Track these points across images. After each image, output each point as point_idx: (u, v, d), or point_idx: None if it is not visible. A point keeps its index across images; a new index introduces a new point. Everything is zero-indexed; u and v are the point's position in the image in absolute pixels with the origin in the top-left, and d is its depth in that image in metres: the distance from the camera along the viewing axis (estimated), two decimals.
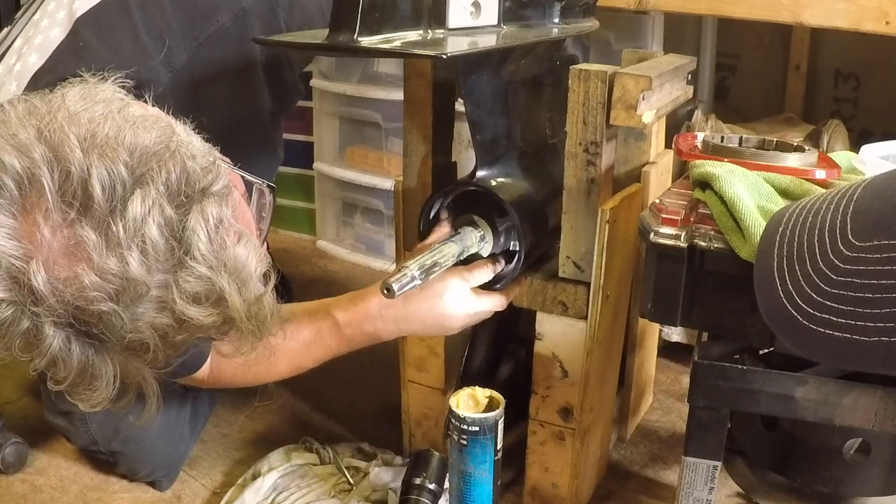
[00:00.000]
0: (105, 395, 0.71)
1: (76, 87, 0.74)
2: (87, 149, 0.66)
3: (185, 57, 1.05)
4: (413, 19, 0.90)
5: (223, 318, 0.72)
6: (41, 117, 0.68)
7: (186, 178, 0.69)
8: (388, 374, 1.30)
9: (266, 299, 0.76)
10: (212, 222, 0.70)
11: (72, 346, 0.68)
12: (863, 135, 1.97)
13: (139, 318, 0.68)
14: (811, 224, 0.61)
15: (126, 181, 0.66)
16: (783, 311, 0.57)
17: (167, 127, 0.73)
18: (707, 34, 2.06)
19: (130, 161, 0.67)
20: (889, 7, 1.32)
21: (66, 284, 0.65)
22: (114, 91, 0.75)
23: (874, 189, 0.60)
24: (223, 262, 0.71)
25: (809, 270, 0.57)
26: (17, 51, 1.05)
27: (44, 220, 0.65)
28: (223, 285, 0.70)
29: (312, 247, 2.13)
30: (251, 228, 0.82)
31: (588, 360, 1.05)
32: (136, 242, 0.66)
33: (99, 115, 0.69)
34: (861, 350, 0.52)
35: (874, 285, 0.53)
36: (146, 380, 0.75)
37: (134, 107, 0.74)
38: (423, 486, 0.95)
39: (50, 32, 1.03)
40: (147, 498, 1.21)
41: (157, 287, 0.68)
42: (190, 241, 0.68)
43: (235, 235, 0.73)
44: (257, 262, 0.74)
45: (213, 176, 0.72)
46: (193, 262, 0.69)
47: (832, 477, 1.04)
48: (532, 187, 1.08)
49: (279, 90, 1.19)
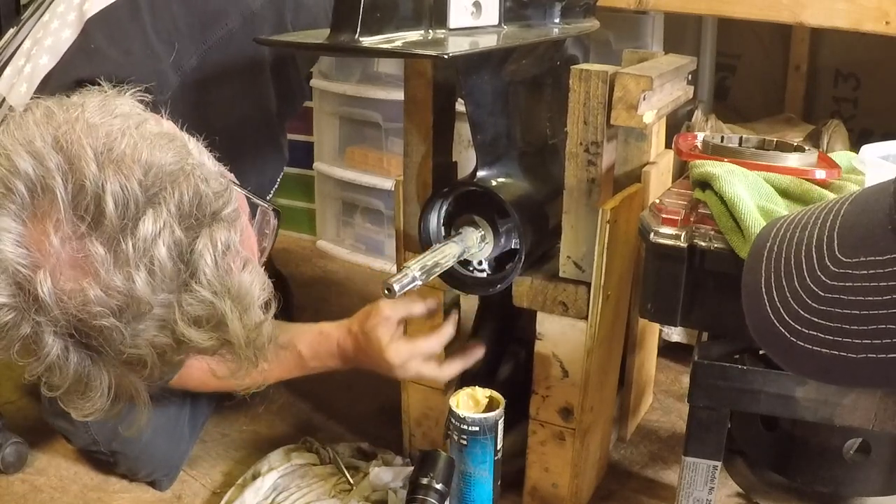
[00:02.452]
0: (98, 405, 0.71)
1: (95, 97, 0.73)
2: (103, 163, 0.66)
3: (195, 60, 1.05)
4: (414, 19, 0.90)
5: (222, 342, 0.72)
6: (58, 126, 0.68)
7: (199, 201, 0.70)
8: None
9: (265, 327, 0.76)
10: (220, 247, 0.70)
11: (70, 356, 0.68)
12: (863, 135, 1.96)
13: (139, 335, 0.68)
14: (798, 239, 0.61)
15: (139, 199, 0.66)
16: (771, 327, 0.57)
17: (182, 147, 0.73)
18: (707, 34, 2.06)
19: (145, 180, 0.67)
20: (889, 7, 1.32)
21: (70, 296, 0.65)
22: (132, 105, 0.75)
23: (861, 203, 0.60)
24: (227, 287, 0.71)
25: (797, 286, 0.57)
26: (25, 52, 1.05)
27: (54, 230, 0.65)
28: (225, 311, 0.71)
29: (312, 247, 2.13)
30: (254, 251, 0.82)
31: (588, 360, 1.05)
32: (144, 262, 0.66)
33: (117, 130, 0.69)
34: (848, 367, 0.52)
35: (861, 302, 0.53)
36: (139, 392, 0.75)
37: (151, 123, 0.73)
38: (430, 486, 0.95)
39: (60, 34, 1.03)
40: (147, 498, 1.21)
41: (160, 307, 0.68)
42: (197, 264, 0.69)
43: (241, 262, 0.73)
44: (260, 290, 0.75)
45: (224, 200, 0.73)
46: (198, 285, 0.69)
47: (832, 477, 1.04)
48: (532, 187, 1.08)
49: (285, 92, 1.19)
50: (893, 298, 0.51)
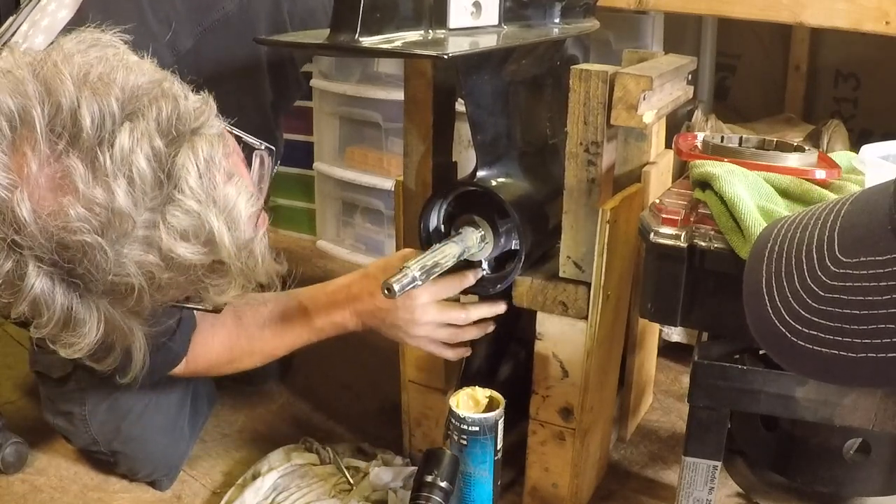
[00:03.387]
0: (88, 341, 0.70)
1: (73, 34, 0.73)
2: (79, 84, 0.66)
3: (190, 42, 1.05)
4: (414, 19, 0.90)
5: (211, 258, 0.70)
6: (36, 58, 0.68)
7: (178, 115, 0.69)
8: (388, 374, 1.30)
9: (257, 243, 0.74)
10: (202, 158, 0.69)
11: (55, 288, 0.66)
12: (863, 135, 1.97)
13: (124, 256, 0.66)
14: (799, 239, 0.61)
15: (116, 114, 0.66)
16: (771, 327, 0.58)
17: (162, 73, 0.73)
18: (707, 34, 2.07)
19: (122, 96, 0.67)
20: (889, 7, 1.32)
21: (51, 217, 0.64)
22: (110, 39, 0.74)
23: (861, 204, 0.60)
24: (213, 198, 0.69)
25: (797, 286, 0.57)
26: (23, 34, 1.05)
27: (32, 152, 0.64)
28: (212, 221, 0.69)
29: (312, 247, 2.13)
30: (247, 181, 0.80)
31: (588, 360, 1.05)
32: (123, 171, 0.65)
33: (94, 58, 0.69)
34: (848, 366, 0.53)
35: (861, 301, 0.53)
36: (132, 332, 0.73)
37: (130, 55, 0.73)
38: (435, 484, 0.95)
39: (57, 14, 1.03)
40: (147, 498, 1.21)
41: (144, 226, 0.67)
42: (179, 174, 0.67)
43: (226, 175, 0.71)
44: (247, 203, 0.72)
45: (206, 118, 0.72)
46: (182, 196, 0.67)
47: (832, 477, 1.04)
48: (532, 187, 1.08)
49: (281, 82, 1.19)
50: (893, 298, 0.52)
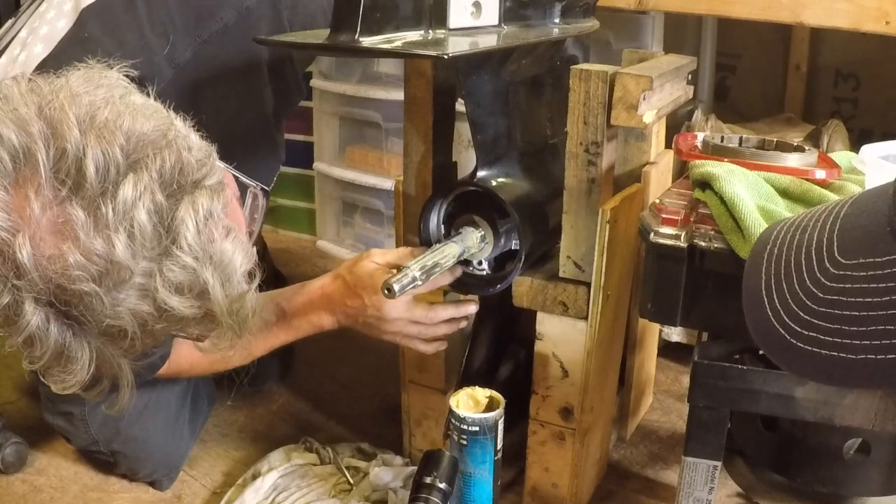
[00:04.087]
0: (79, 378, 0.70)
1: (81, 70, 0.74)
2: (85, 130, 0.66)
3: (189, 54, 1.05)
4: (414, 19, 0.90)
5: (204, 311, 0.71)
6: (43, 96, 0.68)
7: (181, 168, 0.69)
8: (388, 374, 1.30)
9: (248, 297, 0.75)
10: (202, 214, 0.69)
11: (50, 326, 0.67)
12: (863, 135, 1.96)
13: (120, 303, 0.67)
14: (798, 241, 0.61)
15: (120, 164, 0.66)
16: (771, 329, 0.58)
17: (166, 118, 0.73)
18: (707, 34, 2.06)
19: (127, 146, 0.67)
20: (889, 7, 1.32)
21: (50, 261, 0.65)
22: (118, 78, 0.75)
23: (860, 206, 0.60)
24: (209, 254, 0.70)
25: (797, 288, 0.58)
26: (21, 41, 1.05)
27: (35, 195, 0.64)
28: (207, 278, 0.70)
29: (312, 247, 2.13)
30: (241, 228, 0.81)
31: (588, 360, 1.05)
32: (123, 225, 0.65)
33: (100, 100, 0.69)
34: (848, 368, 0.53)
35: (860, 303, 0.53)
36: (121, 369, 0.74)
37: (136, 95, 0.74)
38: (434, 486, 0.95)
39: (56, 23, 1.03)
40: (147, 498, 1.21)
41: (141, 274, 0.67)
42: (178, 230, 0.68)
43: (224, 230, 0.72)
44: (243, 259, 0.74)
45: (208, 169, 0.72)
46: (180, 251, 0.68)
47: (832, 477, 1.04)
48: (532, 187, 1.08)
49: (282, 89, 1.19)
50: (892, 300, 0.52)
